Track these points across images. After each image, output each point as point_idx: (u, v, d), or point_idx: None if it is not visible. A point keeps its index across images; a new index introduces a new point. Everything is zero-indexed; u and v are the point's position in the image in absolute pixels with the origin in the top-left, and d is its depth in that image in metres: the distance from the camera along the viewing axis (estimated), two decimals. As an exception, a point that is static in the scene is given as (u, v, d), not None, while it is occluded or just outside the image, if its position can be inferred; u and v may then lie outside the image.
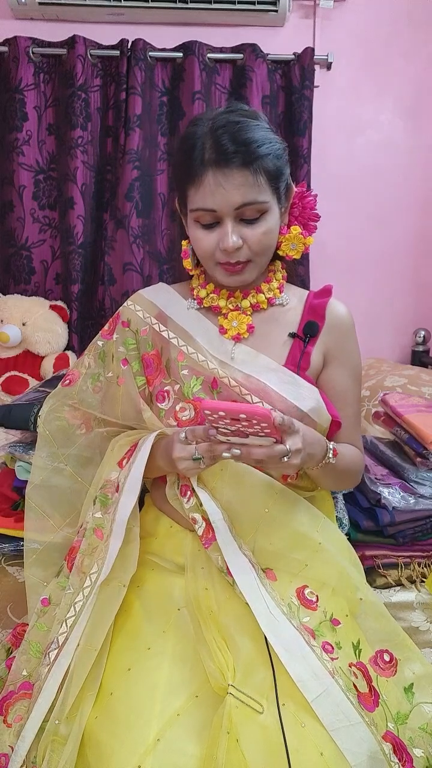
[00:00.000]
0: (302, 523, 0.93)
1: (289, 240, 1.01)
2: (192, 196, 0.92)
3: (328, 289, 1.08)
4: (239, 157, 0.88)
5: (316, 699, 0.73)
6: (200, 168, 0.89)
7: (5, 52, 1.99)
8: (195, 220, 0.94)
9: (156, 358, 1.04)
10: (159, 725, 0.72)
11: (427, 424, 1.33)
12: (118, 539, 0.89)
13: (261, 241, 0.93)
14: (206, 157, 0.89)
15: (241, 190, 0.89)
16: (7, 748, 0.79)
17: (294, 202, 1.02)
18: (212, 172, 0.88)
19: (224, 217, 0.91)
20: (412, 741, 0.78)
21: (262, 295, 1.03)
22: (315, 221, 1.04)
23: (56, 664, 0.83)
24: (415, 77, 2.16)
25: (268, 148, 0.90)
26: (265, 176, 0.90)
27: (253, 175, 0.89)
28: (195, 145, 0.90)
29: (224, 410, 0.75)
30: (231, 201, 0.89)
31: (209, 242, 0.93)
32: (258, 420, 0.75)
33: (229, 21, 2.05)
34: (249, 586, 0.84)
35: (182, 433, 0.86)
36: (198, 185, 0.90)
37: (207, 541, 0.90)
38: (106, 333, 1.09)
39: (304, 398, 0.96)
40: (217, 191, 0.89)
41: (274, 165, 0.92)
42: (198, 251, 0.97)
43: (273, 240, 0.97)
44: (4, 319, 2.00)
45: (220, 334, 1.02)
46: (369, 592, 0.93)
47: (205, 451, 0.84)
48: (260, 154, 0.89)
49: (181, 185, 0.95)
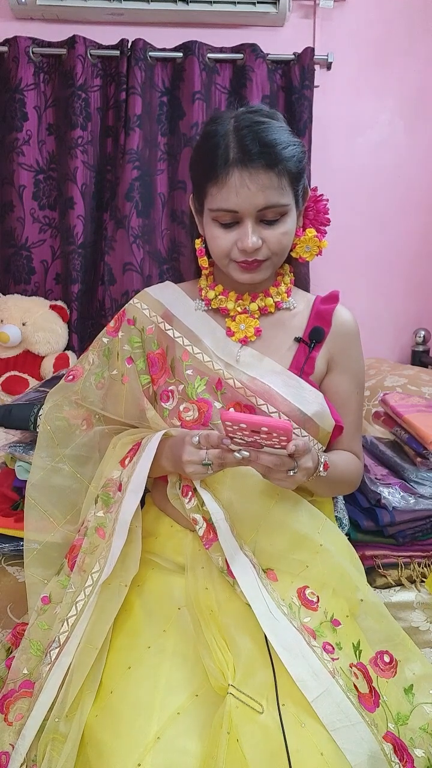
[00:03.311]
0: (303, 524, 0.93)
1: (304, 242, 1.02)
2: (213, 195, 0.91)
3: (335, 294, 1.08)
4: (264, 158, 0.87)
5: (316, 699, 0.73)
6: (224, 167, 0.88)
7: (5, 52, 1.99)
8: (213, 219, 0.93)
9: (161, 357, 1.04)
10: (159, 724, 0.72)
11: (427, 424, 1.33)
12: (121, 539, 0.89)
13: (280, 241, 0.93)
14: (231, 157, 0.88)
15: (266, 193, 0.89)
16: (8, 747, 0.79)
17: (308, 204, 1.02)
18: (238, 172, 0.88)
19: (245, 218, 0.91)
20: (413, 741, 0.78)
21: (270, 298, 1.03)
22: (326, 225, 1.04)
23: (57, 663, 0.83)
24: (415, 77, 2.16)
25: (292, 150, 0.91)
26: (287, 179, 0.91)
27: (278, 177, 0.89)
28: (218, 144, 0.89)
29: (246, 423, 0.76)
30: (254, 202, 0.89)
31: (227, 241, 0.93)
32: (278, 434, 0.75)
33: (229, 21, 2.04)
34: (250, 586, 0.84)
35: (195, 437, 0.86)
36: (222, 185, 0.89)
37: (208, 542, 0.90)
38: (112, 330, 1.09)
39: (309, 402, 0.97)
40: (241, 191, 0.88)
41: (297, 168, 0.92)
42: (214, 249, 0.97)
43: (290, 241, 0.97)
44: (4, 319, 2.00)
45: (227, 336, 1.02)
46: (369, 593, 0.93)
47: (216, 458, 0.84)
48: (285, 156, 0.89)
49: (201, 183, 0.94)
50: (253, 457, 0.81)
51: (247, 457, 0.82)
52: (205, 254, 1.03)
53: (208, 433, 0.85)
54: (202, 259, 1.03)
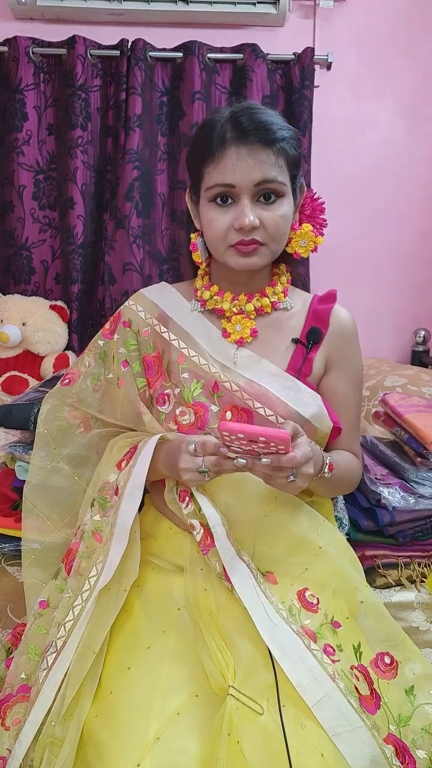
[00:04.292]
0: (302, 527, 0.93)
1: (300, 236, 1.00)
2: (209, 174, 0.91)
3: (332, 294, 1.07)
4: (261, 134, 0.88)
5: (316, 704, 0.73)
6: (220, 145, 0.89)
7: (5, 52, 1.99)
8: (210, 200, 0.92)
9: (157, 360, 1.03)
10: (159, 724, 0.72)
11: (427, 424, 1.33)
12: (121, 545, 0.88)
13: (278, 224, 0.92)
14: (228, 136, 0.89)
15: (263, 167, 0.89)
16: (5, 751, 0.79)
17: (305, 202, 1.02)
18: (235, 147, 0.88)
19: (241, 194, 0.90)
20: (414, 743, 0.78)
21: (266, 299, 1.02)
22: (323, 226, 1.04)
23: (54, 668, 0.83)
24: (415, 77, 2.16)
25: (287, 132, 0.91)
26: (284, 159, 0.91)
27: (275, 155, 0.89)
28: (215, 127, 0.90)
29: (244, 433, 0.75)
30: (251, 176, 0.88)
31: (223, 222, 0.91)
32: (276, 443, 0.75)
33: (229, 21, 2.05)
34: (247, 592, 0.83)
35: (191, 445, 0.85)
36: (218, 161, 0.89)
37: (205, 547, 0.88)
38: (107, 332, 1.08)
39: (306, 404, 0.96)
40: (238, 165, 0.88)
41: (292, 153, 0.92)
42: (210, 234, 0.95)
43: (287, 227, 0.96)
44: (4, 319, 2.00)
45: (223, 337, 1.01)
46: (369, 594, 0.93)
47: (212, 465, 0.83)
48: (281, 135, 0.90)
49: (197, 166, 0.93)
50: (251, 465, 0.81)
51: (245, 465, 0.81)
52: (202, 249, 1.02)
53: (204, 440, 0.84)
54: (196, 254, 1.01)
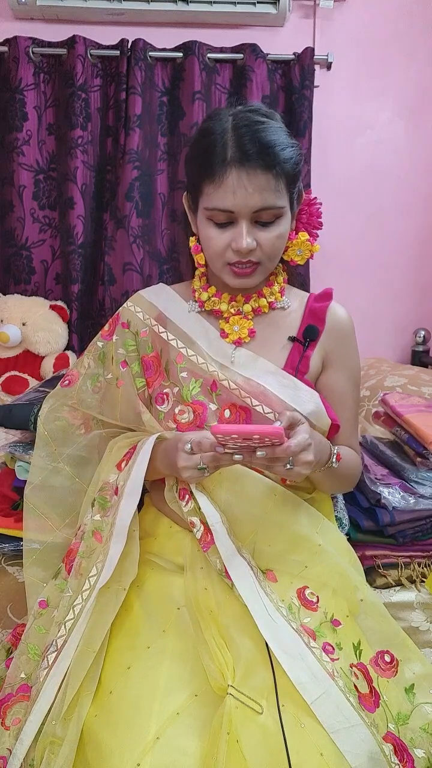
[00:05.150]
0: (302, 525, 0.93)
1: (296, 246, 1.01)
2: (208, 194, 0.90)
3: (328, 292, 1.07)
4: (263, 158, 0.87)
5: (315, 701, 0.73)
6: (221, 166, 0.87)
7: (5, 52, 1.99)
8: (208, 218, 0.93)
9: (155, 360, 1.04)
10: (158, 724, 0.72)
11: (427, 424, 1.33)
12: (119, 544, 0.89)
13: (274, 244, 0.93)
14: (229, 156, 0.87)
15: (263, 194, 0.88)
16: (5, 751, 0.79)
17: (302, 207, 1.02)
18: (236, 171, 0.87)
19: (240, 218, 0.90)
20: (413, 742, 0.78)
21: (263, 299, 1.03)
22: (318, 229, 1.04)
23: (55, 667, 0.83)
24: (415, 77, 2.16)
25: (290, 152, 0.90)
26: (284, 181, 0.90)
27: (275, 179, 0.88)
28: (216, 141, 0.88)
29: (237, 434, 0.76)
30: (250, 203, 0.88)
31: (221, 242, 0.92)
32: (270, 438, 0.76)
33: (229, 21, 2.05)
34: (247, 589, 0.84)
35: (188, 445, 0.85)
36: (218, 183, 0.88)
37: (205, 545, 0.89)
38: (106, 334, 1.09)
39: (304, 402, 0.96)
40: (238, 192, 0.87)
41: (293, 171, 0.92)
42: (208, 250, 0.96)
43: (283, 244, 0.97)
44: (4, 319, 2.00)
45: (221, 338, 1.02)
46: (369, 593, 0.93)
47: (210, 461, 0.84)
48: (283, 158, 0.88)
49: (197, 181, 0.92)
50: (247, 459, 0.81)
51: (240, 460, 0.82)
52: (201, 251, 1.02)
53: (200, 440, 0.84)
54: (199, 255, 1.01)
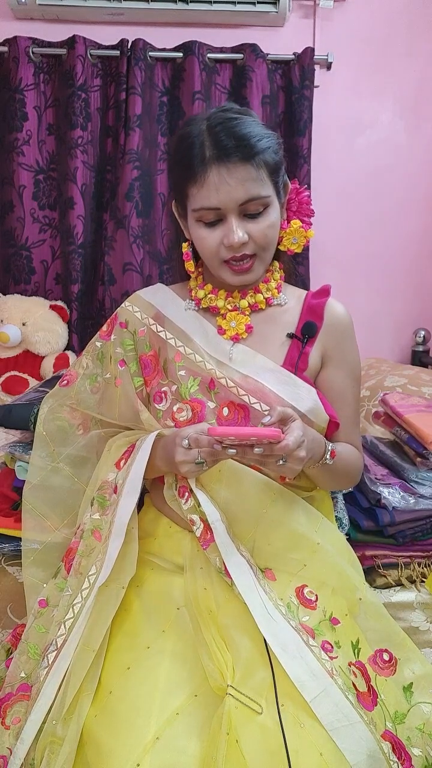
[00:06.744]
0: (300, 523, 0.93)
1: (290, 234, 1.01)
2: (194, 196, 0.91)
3: (326, 289, 1.07)
4: (240, 151, 0.88)
5: (314, 699, 0.73)
6: (201, 166, 0.89)
7: (5, 52, 1.99)
8: (197, 220, 0.94)
9: (154, 359, 1.04)
10: (158, 724, 0.72)
11: (427, 424, 1.33)
12: (118, 541, 0.89)
13: (266, 234, 0.93)
14: (207, 155, 0.88)
15: (245, 186, 0.89)
16: (6, 750, 0.79)
17: (290, 197, 1.02)
18: (215, 168, 0.88)
19: (228, 214, 0.91)
20: (410, 741, 0.78)
21: (260, 295, 1.03)
22: (311, 216, 1.04)
23: (55, 667, 0.83)
24: (415, 77, 2.16)
25: (267, 142, 0.91)
26: (266, 170, 0.91)
27: (256, 169, 0.89)
28: (193, 143, 0.90)
29: (234, 436, 0.77)
30: (235, 197, 0.89)
31: (213, 240, 0.93)
32: (267, 440, 0.77)
33: (229, 21, 2.05)
34: (247, 587, 0.84)
35: (185, 440, 0.85)
36: (201, 184, 0.89)
37: (205, 543, 0.89)
38: (104, 334, 1.09)
39: (302, 399, 0.96)
40: (221, 188, 0.88)
41: (273, 159, 0.92)
42: (202, 251, 0.97)
43: (276, 234, 0.97)
44: (4, 319, 2.01)
45: (219, 334, 1.02)
46: (368, 592, 0.93)
47: (208, 455, 0.84)
48: (261, 148, 0.89)
49: (181, 186, 0.94)
50: (242, 454, 0.82)
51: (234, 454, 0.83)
52: (192, 258, 1.03)
53: (197, 436, 0.84)
54: (189, 263, 1.03)
